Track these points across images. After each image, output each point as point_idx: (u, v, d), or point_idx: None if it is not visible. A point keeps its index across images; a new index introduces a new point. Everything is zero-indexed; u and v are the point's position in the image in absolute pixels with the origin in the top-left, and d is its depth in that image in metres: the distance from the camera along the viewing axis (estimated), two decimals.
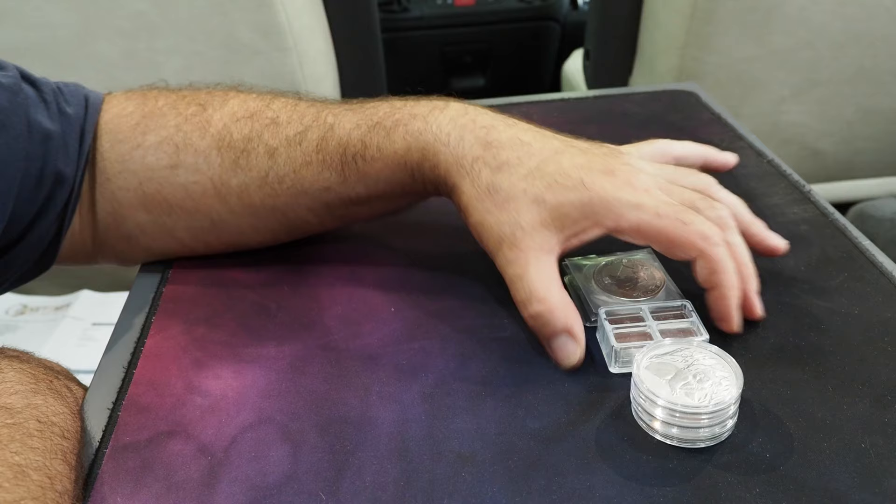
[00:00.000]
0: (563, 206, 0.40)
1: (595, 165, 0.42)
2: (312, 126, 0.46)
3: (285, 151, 0.46)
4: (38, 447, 0.34)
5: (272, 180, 0.46)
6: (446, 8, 1.70)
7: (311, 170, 0.46)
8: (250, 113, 0.48)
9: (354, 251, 0.51)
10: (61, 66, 0.90)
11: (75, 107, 0.48)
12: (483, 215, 0.42)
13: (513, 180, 0.41)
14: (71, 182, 0.46)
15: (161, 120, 0.48)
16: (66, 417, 0.37)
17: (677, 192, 0.42)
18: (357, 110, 0.46)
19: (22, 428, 0.34)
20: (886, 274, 0.46)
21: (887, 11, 0.96)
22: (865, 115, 1.06)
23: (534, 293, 0.40)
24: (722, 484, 0.34)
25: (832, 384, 0.39)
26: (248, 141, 0.47)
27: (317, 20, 0.98)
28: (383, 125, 0.44)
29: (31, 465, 0.32)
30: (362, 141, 0.44)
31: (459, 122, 0.43)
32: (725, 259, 0.40)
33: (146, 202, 0.48)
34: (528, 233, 0.41)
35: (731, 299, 0.41)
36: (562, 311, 0.40)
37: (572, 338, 0.40)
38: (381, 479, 0.35)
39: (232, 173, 0.47)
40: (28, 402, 0.36)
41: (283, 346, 0.43)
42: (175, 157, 0.47)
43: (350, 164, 0.45)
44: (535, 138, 0.43)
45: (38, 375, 0.38)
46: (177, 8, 0.88)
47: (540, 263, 0.41)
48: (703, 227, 0.40)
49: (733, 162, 0.50)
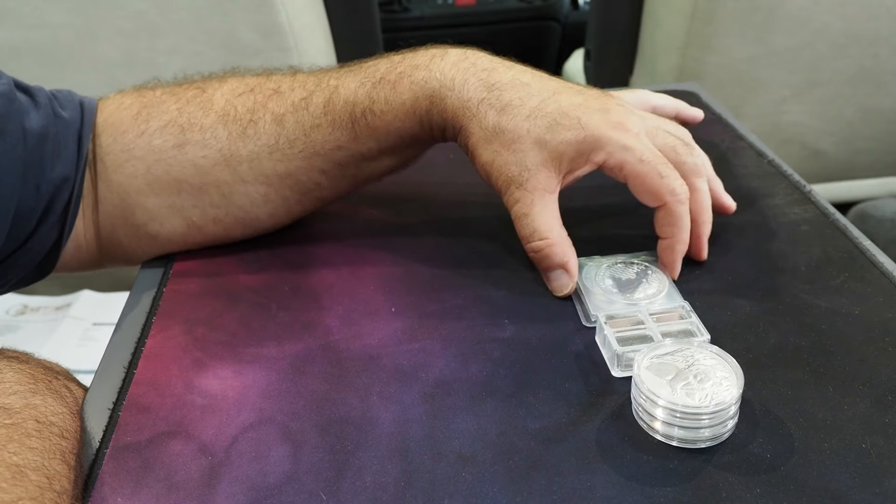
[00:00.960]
0: (562, 145, 0.44)
1: (591, 104, 0.45)
2: (316, 91, 0.47)
3: (293, 117, 0.47)
4: (37, 447, 0.34)
5: (283, 145, 0.47)
6: (447, 8, 1.70)
7: (322, 131, 0.47)
8: (251, 87, 0.49)
9: (355, 251, 0.51)
10: (61, 67, 0.90)
11: (70, 111, 0.48)
12: (492, 156, 0.45)
13: (516, 121, 0.44)
14: (71, 185, 0.46)
15: (161, 106, 0.48)
16: (66, 417, 0.37)
17: (661, 136, 0.46)
18: (357, 71, 0.48)
19: (20, 428, 0.34)
20: (887, 274, 0.46)
21: (888, 11, 0.96)
22: (866, 115, 1.05)
23: (537, 230, 0.45)
24: (723, 484, 0.34)
25: (833, 384, 0.39)
26: (252, 112, 0.48)
27: (317, 20, 0.98)
28: (387, 80, 0.46)
29: (30, 465, 0.32)
30: (369, 97, 0.46)
31: (461, 67, 0.45)
32: (685, 217, 0.45)
33: (155, 185, 0.48)
34: (534, 174, 0.44)
35: (677, 252, 0.45)
36: (560, 247, 0.45)
37: (567, 272, 0.46)
38: (382, 479, 0.35)
39: (241, 143, 0.47)
40: (27, 403, 0.36)
41: (284, 347, 0.43)
42: (181, 137, 0.47)
43: (360, 121, 0.46)
44: (533, 79, 0.46)
45: (36, 376, 0.38)
46: (177, 8, 0.88)
47: (543, 202, 0.45)
48: (675, 184, 0.44)
49: (700, 117, 0.56)
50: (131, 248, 0.51)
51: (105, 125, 0.48)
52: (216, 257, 0.51)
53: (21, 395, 0.36)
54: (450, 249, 0.51)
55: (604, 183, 0.56)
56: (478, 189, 0.57)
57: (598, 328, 0.42)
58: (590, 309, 0.43)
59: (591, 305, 0.43)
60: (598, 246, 0.50)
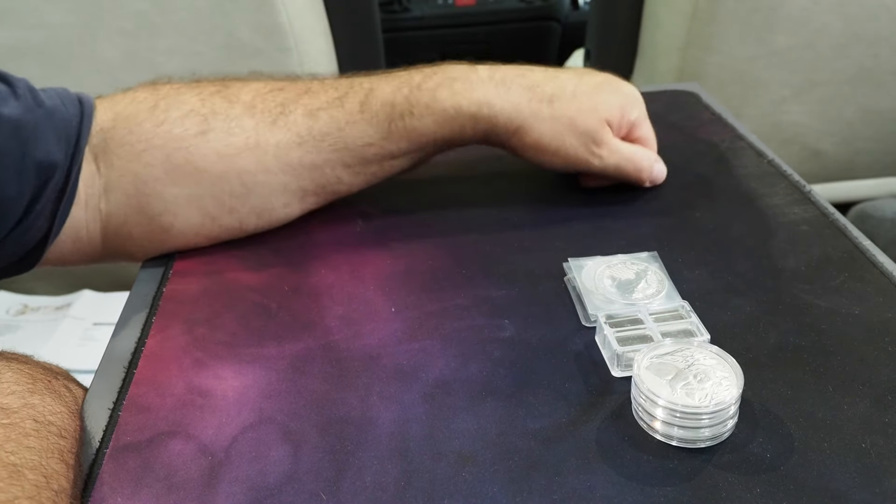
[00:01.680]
0: (610, 108, 0.52)
1: (600, 80, 0.53)
2: (350, 92, 0.50)
3: (326, 113, 0.49)
4: (35, 446, 0.34)
5: (316, 136, 0.49)
6: (447, 8, 1.70)
7: (357, 127, 0.50)
8: (280, 87, 0.51)
9: (355, 252, 0.51)
10: (61, 67, 0.90)
11: (66, 104, 0.48)
12: (562, 140, 0.51)
13: (565, 106, 0.51)
14: (63, 174, 0.46)
15: (181, 97, 0.49)
16: (64, 417, 0.37)
17: None
18: (390, 79, 0.51)
19: (18, 428, 0.34)
20: (887, 274, 0.46)
21: (888, 11, 0.96)
22: (866, 116, 1.05)
23: (633, 160, 0.54)
24: (722, 484, 0.34)
25: (833, 384, 0.39)
26: (283, 105, 0.49)
27: (318, 20, 0.98)
28: (425, 87, 0.50)
29: (27, 464, 0.32)
30: (408, 100, 0.50)
31: (497, 77, 0.51)
32: None
33: (174, 174, 0.48)
34: (600, 131, 0.52)
35: None
36: (647, 155, 0.55)
37: (660, 162, 0.56)
38: (382, 479, 0.35)
39: (269, 132, 0.49)
40: (25, 402, 0.36)
41: (284, 346, 0.43)
42: (204, 125, 0.48)
43: (397, 122, 0.50)
44: (556, 74, 0.53)
45: (35, 376, 0.38)
46: (177, 8, 0.88)
47: (619, 143, 0.53)
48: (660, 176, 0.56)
49: None
50: (140, 242, 0.51)
51: (119, 118, 0.48)
52: (216, 257, 0.51)
53: (19, 394, 0.36)
54: (450, 249, 0.51)
55: (603, 183, 0.57)
56: (478, 189, 0.58)
57: (598, 328, 0.42)
58: (589, 309, 0.43)
59: (590, 305, 0.43)
60: (598, 246, 0.50)
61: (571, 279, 0.46)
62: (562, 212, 0.54)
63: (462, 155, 0.55)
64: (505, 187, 0.58)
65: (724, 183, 0.51)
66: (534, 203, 0.55)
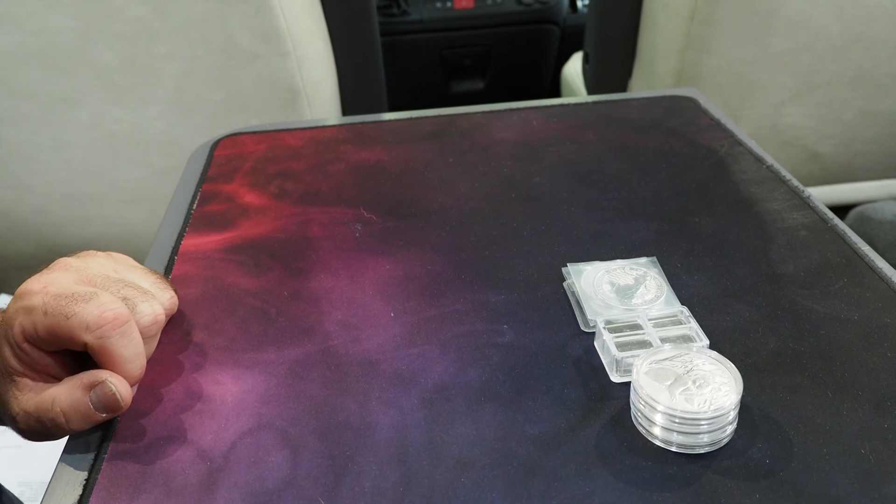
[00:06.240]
0: None
1: None
2: None
3: None
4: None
5: None
6: (446, 11, 1.70)
7: None
8: None
9: (354, 257, 0.51)
10: (60, 72, 0.90)
11: None
12: None
13: None
14: None
15: None
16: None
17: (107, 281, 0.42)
18: None
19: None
20: (886, 279, 0.46)
21: (887, 14, 0.96)
22: (865, 118, 1.06)
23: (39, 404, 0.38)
24: (721, 490, 0.34)
25: (832, 390, 0.39)
26: None
27: (316, 24, 0.98)
28: None
29: None
30: None
31: None
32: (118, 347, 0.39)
33: None
34: None
35: None
36: None
37: None
38: (381, 484, 0.35)
39: None
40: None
41: (283, 352, 0.43)
42: None
43: None
44: None
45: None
46: (176, 13, 0.88)
47: None
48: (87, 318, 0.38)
49: None
50: None
51: None
52: (215, 262, 0.51)
53: None
54: (449, 255, 0.51)
55: (602, 188, 0.57)
56: (477, 193, 0.58)
57: (597, 333, 0.42)
58: (588, 314, 0.43)
59: (589, 311, 0.43)
60: (597, 251, 0.50)
61: (570, 284, 0.46)
62: (561, 217, 0.54)
63: (462, 158, 0.55)
64: (504, 192, 0.58)
65: (723, 188, 0.51)
66: (533, 208, 0.55)
